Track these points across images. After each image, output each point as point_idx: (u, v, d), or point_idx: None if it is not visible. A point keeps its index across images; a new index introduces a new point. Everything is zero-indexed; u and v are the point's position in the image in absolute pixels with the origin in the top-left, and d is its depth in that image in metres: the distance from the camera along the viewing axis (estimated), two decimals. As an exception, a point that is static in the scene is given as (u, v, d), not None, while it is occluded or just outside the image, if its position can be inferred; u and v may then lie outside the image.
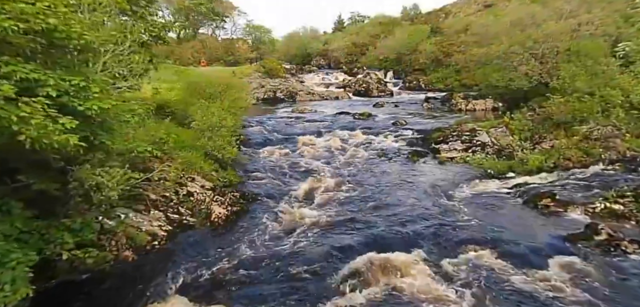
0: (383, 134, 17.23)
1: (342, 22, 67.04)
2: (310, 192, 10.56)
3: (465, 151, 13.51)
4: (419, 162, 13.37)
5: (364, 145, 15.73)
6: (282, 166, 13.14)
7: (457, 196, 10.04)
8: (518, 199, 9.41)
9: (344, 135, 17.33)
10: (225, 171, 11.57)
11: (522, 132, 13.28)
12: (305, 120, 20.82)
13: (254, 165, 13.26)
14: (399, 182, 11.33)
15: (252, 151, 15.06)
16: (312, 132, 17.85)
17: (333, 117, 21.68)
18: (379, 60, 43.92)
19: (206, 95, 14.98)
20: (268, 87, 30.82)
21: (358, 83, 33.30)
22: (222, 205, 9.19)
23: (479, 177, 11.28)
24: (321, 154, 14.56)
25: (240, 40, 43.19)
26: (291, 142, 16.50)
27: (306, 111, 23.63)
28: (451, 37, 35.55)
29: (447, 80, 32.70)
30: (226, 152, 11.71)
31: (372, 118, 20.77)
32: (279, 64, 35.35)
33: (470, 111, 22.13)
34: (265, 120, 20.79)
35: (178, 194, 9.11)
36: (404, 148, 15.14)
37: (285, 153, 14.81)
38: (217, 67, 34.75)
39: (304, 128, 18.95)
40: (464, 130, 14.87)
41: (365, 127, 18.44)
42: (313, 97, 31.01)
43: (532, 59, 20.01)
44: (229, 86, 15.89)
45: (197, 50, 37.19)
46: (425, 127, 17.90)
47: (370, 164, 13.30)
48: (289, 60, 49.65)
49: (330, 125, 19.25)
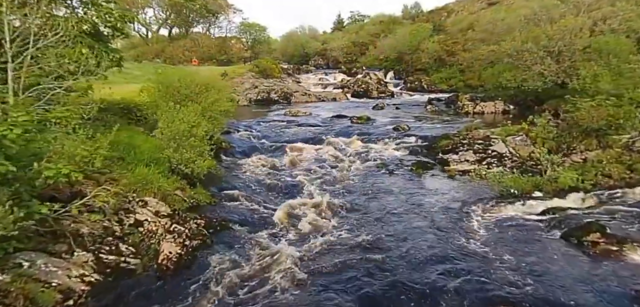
0: (383, 141, 15.17)
1: (341, 22, 65.01)
2: (295, 219, 8.52)
3: (479, 163, 11.45)
4: (424, 176, 11.33)
5: (361, 154, 13.68)
6: (265, 181, 11.11)
7: (474, 225, 7.98)
8: (554, 230, 7.35)
9: (339, 142, 15.29)
10: (194, 189, 9.54)
11: (545, 141, 11.21)
12: (298, 124, 18.78)
13: (233, 179, 11.21)
14: (401, 204, 9.28)
15: (233, 162, 13.02)
16: (304, 139, 15.82)
17: (329, 121, 19.64)
18: (379, 60, 41.93)
19: (181, 96, 12.95)
20: (261, 88, 28.79)
21: (357, 84, 31.25)
22: (179, 238, 7.14)
23: (499, 197, 9.22)
24: (312, 166, 12.51)
25: (234, 39, 41.15)
26: (279, 151, 14.47)
27: (300, 114, 21.59)
28: (455, 35, 33.49)
29: (451, 81, 30.66)
30: (196, 165, 9.67)
31: (371, 122, 18.72)
32: (274, 63, 33.34)
33: (478, 114, 20.05)
34: (255, 124, 18.77)
35: (122, 225, 7.09)
36: (406, 158, 13.09)
37: (271, 164, 12.77)
38: (210, 67, 32.75)
39: (296, 134, 16.91)
40: (475, 138, 12.82)
41: (364, 132, 16.39)
42: (309, 98, 28.98)
43: (547, 58, 17.94)
44: (208, 86, 13.83)
45: (189, 49, 35.20)
46: (430, 133, 15.83)
47: (368, 179, 11.25)
48: (287, 60, 47.75)
49: (324, 131, 17.21)
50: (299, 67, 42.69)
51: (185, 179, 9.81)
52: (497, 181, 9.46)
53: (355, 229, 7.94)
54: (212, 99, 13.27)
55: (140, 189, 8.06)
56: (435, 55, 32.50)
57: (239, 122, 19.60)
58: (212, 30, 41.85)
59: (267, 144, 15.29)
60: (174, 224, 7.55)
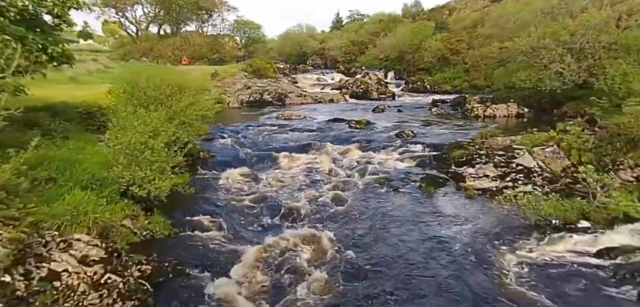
0: (385, 150, 13.14)
1: (340, 21, 63.02)
2: (276, 259, 6.50)
3: (501, 179, 9.42)
4: (436, 195, 9.30)
5: (360, 166, 11.65)
6: (244, 202, 9.09)
7: (509, 269, 5.98)
8: (626, 286, 5.32)
9: (335, 151, 13.26)
10: (150, 217, 7.53)
11: (582, 152, 9.19)
12: (291, 129, 16.74)
13: (205, 200, 9.19)
14: (411, 237, 7.26)
15: (210, 176, 10.99)
16: (296, 147, 13.79)
17: (325, 125, 17.61)
18: (378, 59, 39.96)
19: (148, 99, 10.92)
20: (254, 89, 26.75)
21: (356, 84, 29.21)
22: (108, 298, 5.13)
23: (535, 227, 7.21)
24: (303, 182, 10.49)
25: (227, 37, 39.04)
26: (267, 162, 12.46)
27: (294, 117, 19.56)
28: (458, 33, 31.46)
29: (455, 81, 28.68)
30: (154, 186, 7.64)
31: (371, 127, 16.68)
32: (268, 62, 31.31)
33: (489, 118, 18.02)
34: (242, 129, 16.75)
35: (30, 279, 5.07)
36: (413, 171, 11.06)
37: (255, 179, 10.76)
38: (201, 66, 30.69)
39: (288, 140, 14.89)
40: (494, 148, 10.79)
41: (363, 139, 14.35)
42: (305, 99, 26.95)
43: (568, 55, 15.91)
44: (182, 87, 11.80)
45: (179, 47, 33.14)
46: (438, 140, 13.80)
47: (368, 200, 9.23)
48: (284, 60, 45.80)
49: (320, 137, 15.17)
50: (295, 67, 40.70)
51: (141, 203, 7.80)
52: (533, 207, 7.41)
53: (352, 278, 5.91)
54: (186, 102, 11.24)
55: (68, 224, 6.02)
56: (439, 54, 30.47)
57: (225, 126, 17.61)
58: (206, 28, 39.87)
59: (253, 153, 13.24)
60: (108, 274, 5.54)
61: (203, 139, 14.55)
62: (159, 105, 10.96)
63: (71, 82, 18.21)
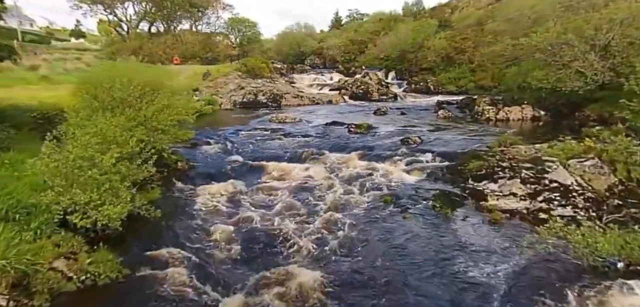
0: (390, 159, 11.46)
1: (339, 20, 61.28)
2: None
3: (532, 199, 7.76)
4: (455, 219, 7.63)
5: (361, 179, 9.97)
6: (223, 229, 7.40)
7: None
8: None
9: (333, 160, 11.61)
10: (95, 254, 5.85)
11: (631, 166, 7.53)
12: (285, 134, 15.07)
13: (174, 226, 7.51)
14: (428, 282, 5.60)
15: (186, 192, 9.30)
16: (289, 156, 12.15)
17: (322, 129, 15.92)
18: (379, 59, 38.26)
19: (115, 101, 9.24)
20: (248, 89, 25.06)
21: (356, 85, 27.53)
22: None
23: (591, 271, 5.53)
24: (295, 201, 8.81)
25: (221, 35, 37.25)
26: (255, 174, 10.80)
27: (288, 121, 17.87)
28: (463, 31, 29.79)
29: (460, 82, 27.02)
30: (102, 213, 5.95)
31: (373, 132, 15.00)
32: (264, 62, 29.61)
33: (502, 122, 16.35)
34: (231, 134, 15.07)
35: None
36: (423, 187, 9.38)
37: (239, 197, 9.09)
38: (193, 66, 28.99)
39: (280, 147, 13.22)
40: (518, 159, 9.13)
41: (365, 146, 12.69)
42: (302, 100, 25.28)
43: (591, 52, 14.23)
44: (156, 87, 10.12)
45: (170, 46, 31.42)
46: (449, 147, 12.13)
47: (371, 223, 7.57)
48: (282, 60, 44.12)
49: (316, 143, 13.52)
50: (293, 67, 38.98)
51: (86, 236, 6.12)
52: (587, 244, 5.72)
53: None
54: (158, 105, 9.56)
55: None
56: (443, 53, 28.77)
57: (214, 130, 15.96)
58: (200, 27, 38.08)
59: (240, 162, 11.57)
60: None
61: (186, 146, 12.93)
62: (126, 108, 9.31)
63: (42, 82, 16.51)
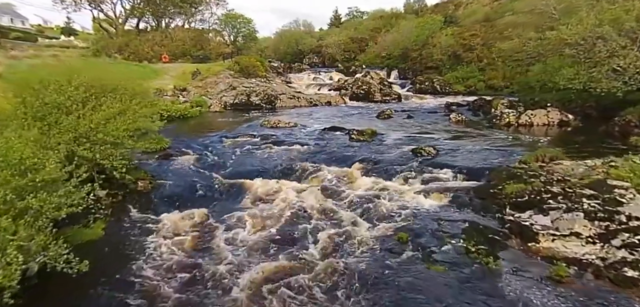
0: (400, 175, 9.26)
1: (338, 17, 59.07)
2: None
3: (605, 242, 5.58)
4: (498, 274, 5.45)
5: (366, 205, 7.79)
6: (174, 299, 5.20)
7: None
8: None
9: (331, 177, 9.42)
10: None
11: None
12: (276, 141, 12.88)
13: (105, 287, 5.31)
14: None
15: (140, 226, 7.12)
16: (277, 170, 9.97)
17: (319, 135, 13.74)
18: (380, 57, 36.13)
19: (48, 107, 7.04)
20: (240, 90, 22.84)
21: (356, 85, 25.29)
22: None
23: None
24: (278, 239, 6.64)
25: (214, 32, 34.90)
26: (234, 196, 8.66)
27: (281, 125, 15.67)
28: (471, 27, 27.57)
29: (469, 81, 24.83)
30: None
31: (378, 139, 12.80)
32: (258, 60, 27.40)
33: (524, 127, 14.14)
34: (215, 142, 12.90)
35: None
36: (447, 216, 7.20)
37: (208, 232, 6.92)
38: (182, 64, 26.74)
39: (269, 159, 11.03)
40: (572, 183, 6.92)
41: (369, 159, 10.48)
42: (298, 102, 23.07)
43: (634, 47, 12.02)
44: (106, 89, 7.92)
45: (159, 43, 29.15)
46: (472, 161, 9.92)
47: (382, 278, 5.42)
48: (280, 58, 41.94)
49: (311, 154, 11.34)
50: (290, 66, 36.76)
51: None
52: None
53: None
54: (107, 112, 7.36)
55: None
56: (450, 50, 26.54)
57: (196, 136, 13.78)
58: (194, 23, 35.71)
59: (218, 180, 9.39)
60: None
61: (158, 158, 10.77)
62: (64, 115, 7.11)
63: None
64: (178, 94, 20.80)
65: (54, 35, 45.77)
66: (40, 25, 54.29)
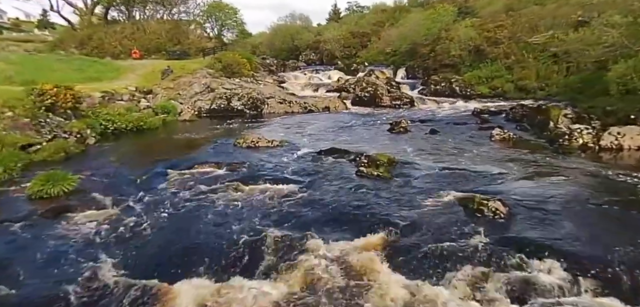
0: (460, 275, 4.67)
1: (337, 12, 54.12)
2: None
3: None
4: None
5: None
6: None
7: None
8: None
9: (327, 268, 4.84)
10: None
11: None
12: (247, 177, 8.34)
13: None
14: None
15: None
16: (231, 252, 5.38)
17: (312, 165, 9.19)
18: (384, 54, 31.47)
19: None
20: (219, 92, 18.26)
21: (360, 86, 20.64)
22: None
23: None
24: None
25: (194, 23, 30.04)
26: None
27: (261, 145, 11.12)
28: (495, 17, 22.92)
29: (494, 81, 20.19)
30: None
31: (399, 173, 8.24)
32: (245, 57, 22.75)
33: (608, 152, 9.56)
34: (152, 179, 8.38)
35: None
36: None
37: None
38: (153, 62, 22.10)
39: (222, 222, 6.44)
40: None
41: (393, 221, 5.90)
42: (290, 107, 18.52)
43: None
44: None
45: (128, 36, 24.50)
46: (581, 237, 5.34)
47: None
48: (275, 55, 37.31)
49: (296, 206, 6.78)
50: (284, 63, 32.11)
51: None
52: None
53: None
54: None
55: None
56: (471, 45, 21.87)
57: (132, 166, 9.25)
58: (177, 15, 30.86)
59: (113, 279, 4.81)
60: None
61: (47, 211, 6.30)
62: None
63: None
64: (140, 98, 16.21)
65: (28, 29, 41.01)
66: (17, 18, 49.54)
